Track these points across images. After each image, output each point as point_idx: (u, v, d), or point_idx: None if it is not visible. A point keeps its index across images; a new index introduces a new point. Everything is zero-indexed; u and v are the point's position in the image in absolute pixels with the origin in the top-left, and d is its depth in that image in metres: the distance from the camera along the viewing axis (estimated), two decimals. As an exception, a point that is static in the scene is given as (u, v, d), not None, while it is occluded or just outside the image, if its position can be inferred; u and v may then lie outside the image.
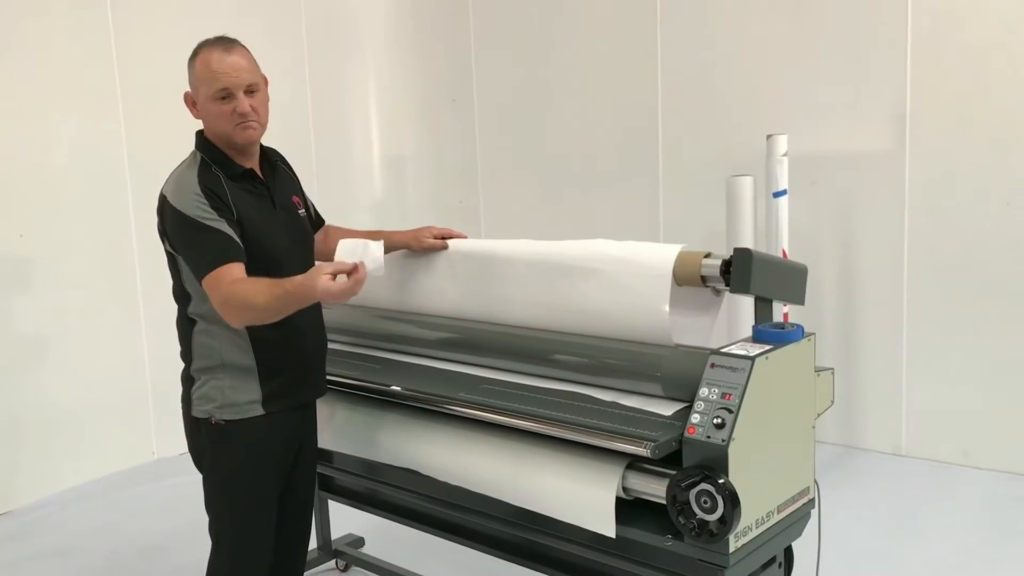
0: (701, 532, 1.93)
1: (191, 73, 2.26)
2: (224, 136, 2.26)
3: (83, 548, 3.82)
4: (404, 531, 3.01)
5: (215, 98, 2.22)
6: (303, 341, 2.38)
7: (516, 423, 2.23)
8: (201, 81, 2.23)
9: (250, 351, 2.27)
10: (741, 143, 4.62)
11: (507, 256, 2.59)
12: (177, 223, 2.20)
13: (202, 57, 2.23)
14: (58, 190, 4.41)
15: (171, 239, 2.26)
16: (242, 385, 2.27)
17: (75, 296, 4.48)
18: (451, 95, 6.00)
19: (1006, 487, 4.05)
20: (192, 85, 2.28)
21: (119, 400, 4.65)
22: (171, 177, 2.29)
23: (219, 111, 2.23)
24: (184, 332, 2.34)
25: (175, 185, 2.24)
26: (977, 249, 4.16)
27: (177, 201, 2.20)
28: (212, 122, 2.27)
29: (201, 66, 2.23)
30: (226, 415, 2.27)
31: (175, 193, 2.22)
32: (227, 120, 2.23)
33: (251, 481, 2.32)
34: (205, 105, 2.25)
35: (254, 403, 2.28)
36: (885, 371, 4.48)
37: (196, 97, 2.28)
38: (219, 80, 2.21)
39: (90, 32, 4.49)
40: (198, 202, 2.18)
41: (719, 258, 2.20)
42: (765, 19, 4.65)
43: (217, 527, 2.37)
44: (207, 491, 2.37)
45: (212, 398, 2.28)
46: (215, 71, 2.20)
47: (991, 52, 4.05)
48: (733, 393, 1.95)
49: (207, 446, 2.32)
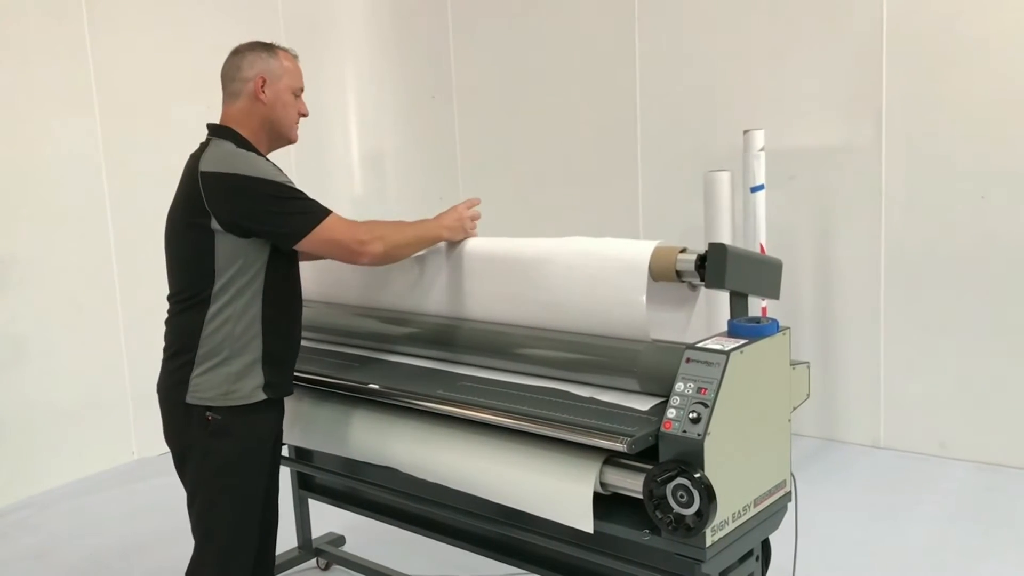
0: (678, 526, 1.94)
1: (270, 61, 2.37)
2: (283, 127, 2.40)
3: (62, 549, 3.79)
4: (385, 529, 3.01)
5: (296, 93, 2.41)
6: (298, 331, 2.45)
7: (494, 419, 2.23)
8: (287, 73, 2.39)
9: (259, 337, 2.29)
10: (718, 139, 4.64)
11: (484, 253, 2.59)
12: (266, 190, 2.22)
13: (283, 55, 2.41)
14: (35, 191, 4.38)
15: (246, 211, 2.22)
16: (247, 372, 2.28)
17: (53, 296, 4.45)
18: (431, 92, 5.99)
19: (982, 477, 4.10)
20: (271, 73, 2.36)
21: (98, 400, 4.63)
22: (216, 157, 2.27)
23: (293, 105, 2.41)
24: (191, 317, 2.27)
25: (236, 160, 2.26)
26: (953, 243, 4.20)
27: (255, 171, 2.24)
28: (281, 111, 2.38)
29: (287, 60, 2.41)
30: (228, 401, 2.27)
31: (245, 166, 2.24)
32: (294, 115, 2.42)
33: (245, 474, 2.33)
34: (283, 95, 2.38)
35: (257, 388, 2.30)
36: (863, 364, 4.52)
37: (275, 85, 2.37)
38: (301, 80, 2.44)
39: (66, 35, 4.45)
40: (278, 170, 2.28)
41: (694, 253, 2.21)
42: (741, 15, 4.67)
43: (206, 522, 2.35)
44: (193, 486, 2.34)
45: (215, 385, 2.26)
46: (300, 71, 2.44)
47: (967, 47, 4.08)
48: (708, 387, 1.96)
49: (199, 437, 2.28)
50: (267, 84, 2.35)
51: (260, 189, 2.22)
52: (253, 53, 2.38)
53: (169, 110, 4.63)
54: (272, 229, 2.25)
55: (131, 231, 4.63)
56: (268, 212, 2.23)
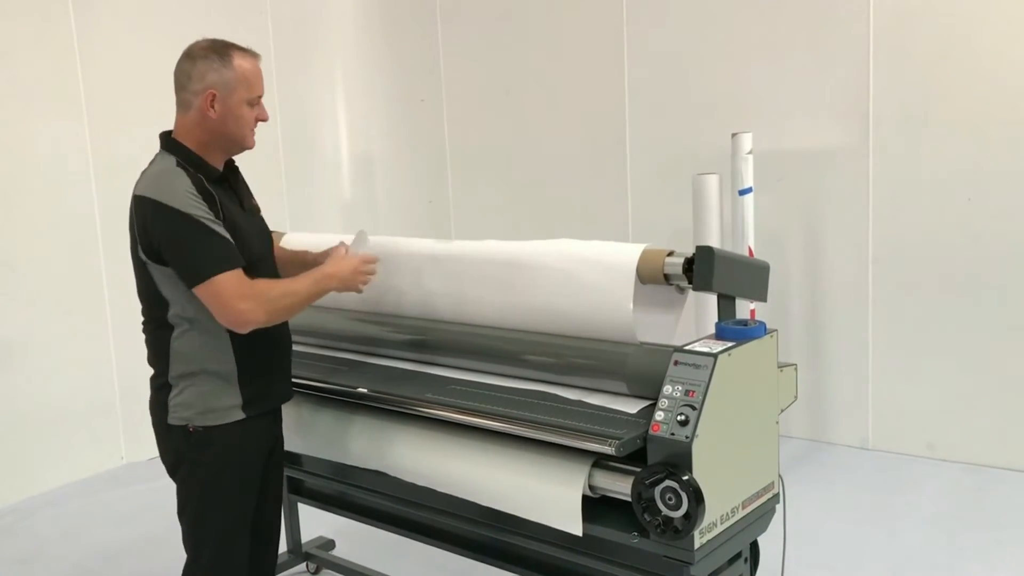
0: (666, 529, 1.94)
1: (222, 72, 2.19)
2: (236, 138, 2.26)
3: (48, 555, 3.77)
4: (374, 532, 3.00)
5: (251, 103, 2.25)
6: (279, 344, 2.39)
7: (483, 423, 2.23)
8: (241, 83, 2.21)
9: (231, 355, 2.24)
10: (707, 141, 4.65)
11: (473, 256, 2.59)
12: (174, 222, 2.10)
13: (238, 60, 2.21)
14: (24, 195, 4.36)
15: (159, 240, 2.13)
16: (222, 390, 2.24)
17: (41, 300, 4.42)
18: (420, 95, 5.99)
19: (970, 478, 4.11)
20: (223, 86, 2.20)
21: (87, 404, 4.60)
22: (148, 179, 2.20)
23: (248, 116, 2.25)
24: (159, 339, 2.25)
25: (159, 184, 2.15)
26: (940, 245, 4.22)
27: (171, 199, 2.11)
28: (234, 125, 2.24)
29: (241, 68, 2.21)
30: (207, 421, 2.23)
31: (165, 192, 2.12)
32: (249, 125, 2.27)
33: (230, 487, 2.29)
34: (236, 107, 2.22)
35: (234, 407, 2.25)
36: (851, 366, 4.53)
37: (227, 99, 2.21)
38: (259, 87, 2.27)
39: (53, 35, 4.43)
40: (196, 202, 2.12)
41: (682, 256, 2.22)
42: (729, 18, 4.69)
43: (195, 536, 2.33)
44: (182, 500, 2.33)
45: (191, 404, 2.23)
46: (259, 77, 2.26)
47: (953, 49, 4.10)
48: (696, 390, 1.97)
49: (184, 454, 2.27)
50: (217, 100, 2.19)
51: (171, 220, 2.11)
52: (205, 62, 2.20)
53: (157, 112, 4.60)
54: (173, 264, 2.15)
55: (120, 235, 4.51)
56: (173, 245, 2.13)
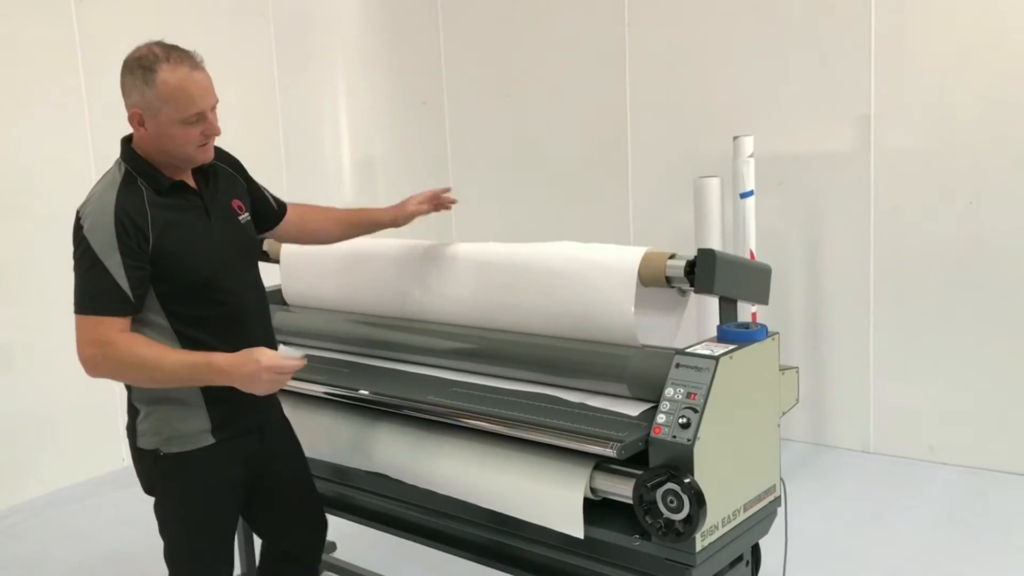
0: (668, 531, 1.94)
1: (144, 91, 1.99)
2: (178, 155, 2.07)
3: (50, 557, 3.77)
4: (375, 535, 2.99)
5: (185, 122, 2.02)
6: None
7: (484, 425, 2.23)
8: (166, 102, 1.99)
9: None
10: (708, 144, 4.66)
11: (474, 258, 2.59)
12: (78, 244, 2.02)
13: (164, 76, 1.98)
14: (24, 195, 4.36)
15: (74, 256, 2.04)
16: (189, 414, 2.13)
17: (39, 301, 4.41)
18: (421, 97, 5.99)
19: (971, 482, 4.11)
20: (147, 107, 2.01)
21: (87, 406, 4.59)
22: (91, 196, 2.08)
23: (185, 135, 2.03)
24: None
25: (90, 200, 2.05)
26: (941, 248, 4.22)
27: (88, 218, 2.01)
28: (170, 144, 2.04)
29: (166, 86, 1.98)
30: (174, 447, 2.13)
31: (89, 211, 2.03)
32: (192, 143, 2.05)
33: (205, 510, 2.22)
34: (167, 127, 2.01)
35: (203, 432, 2.15)
36: (853, 369, 4.53)
37: (154, 119, 2.02)
38: (195, 104, 2.01)
39: (55, 34, 4.44)
40: (107, 234, 1.98)
41: (684, 259, 2.21)
42: (731, 21, 4.69)
43: (171, 554, 2.29)
44: (160, 521, 2.27)
45: (158, 431, 2.14)
46: (189, 94, 2.00)
47: (954, 53, 4.11)
48: (698, 392, 1.97)
49: (155, 477, 2.21)
50: (144, 119, 2.03)
51: (76, 239, 2.02)
52: (130, 77, 2.02)
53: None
54: (75, 285, 2.04)
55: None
56: (76, 267, 2.03)
